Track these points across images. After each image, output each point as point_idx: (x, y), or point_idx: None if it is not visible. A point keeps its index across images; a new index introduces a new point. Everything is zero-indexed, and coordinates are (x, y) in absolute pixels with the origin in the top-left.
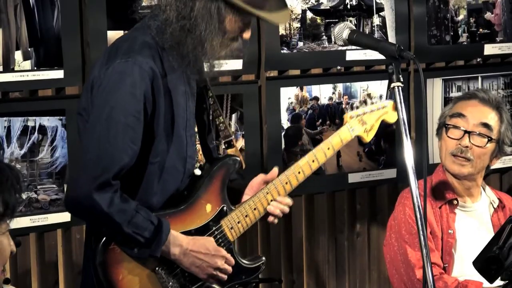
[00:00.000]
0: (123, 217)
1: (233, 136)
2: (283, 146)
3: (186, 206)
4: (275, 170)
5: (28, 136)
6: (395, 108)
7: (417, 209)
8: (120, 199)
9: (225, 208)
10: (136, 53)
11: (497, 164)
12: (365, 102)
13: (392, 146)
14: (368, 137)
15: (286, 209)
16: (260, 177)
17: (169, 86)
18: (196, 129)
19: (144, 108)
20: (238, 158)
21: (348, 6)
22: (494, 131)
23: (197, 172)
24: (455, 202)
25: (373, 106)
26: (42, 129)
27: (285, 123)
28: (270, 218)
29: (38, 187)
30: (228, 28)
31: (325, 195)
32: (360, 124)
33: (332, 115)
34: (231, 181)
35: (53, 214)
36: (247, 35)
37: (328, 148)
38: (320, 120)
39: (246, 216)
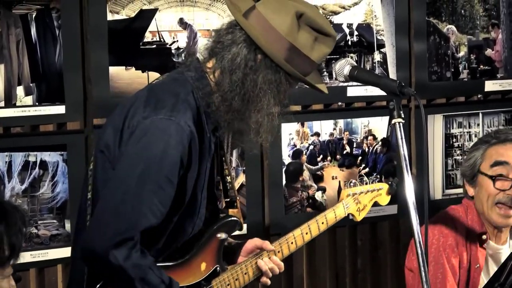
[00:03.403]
0: (137, 272)
1: (237, 198)
2: (284, 181)
3: (182, 262)
4: (268, 243)
5: (29, 171)
6: (388, 193)
7: (418, 246)
8: (138, 253)
9: (218, 268)
10: (180, 112)
11: None
12: (361, 181)
13: None
14: (359, 217)
15: (276, 270)
16: (254, 241)
17: (202, 148)
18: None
19: (179, 171)
20: (239, 220)
21: (349, 43)
22: None
23: (223, 236)
24: (483, 237)
25: (368, 187)
26: (43, 164)
27: (286, 158)
28: (263, 279)
29: (39, 222)
30: (283, 99)
31: (326, 231)
32: (355, 203)
33: (333, 151)
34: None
35: (53, 249)
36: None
37: (322, 223)
38: (321, 156)
39: (236, 279)
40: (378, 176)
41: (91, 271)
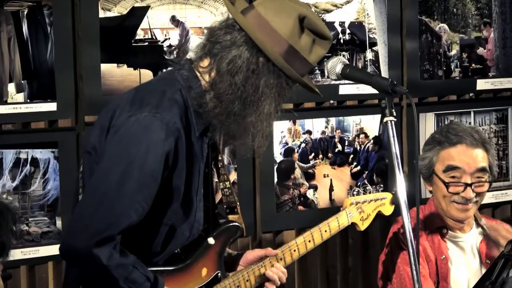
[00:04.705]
0: (121, 272)
1: (238, 203)
2: (275, 179)
3: (183, 267)
4: (271, 249)
5: (20, 168)
6: (392, 202)
7: (409, 242)
8: (119, 253)
9: (219, 274)
10: (165, 110)
11: (490, 199)
12: (364, 190)
13: (385, 180)
14: (363, 226)
15: (284, 278)
16: (257, 252)
17: (191, 148)
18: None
19: (164, 168)
20: (241, 226)
21: (341, 41)
22: (488, 169)
23: (211, 241)
24: (444, 231)
25: (372, 196)
26: (35, 162)
27: (278, 156)
28: (269, 286)
29: (30, 219)
30: (282, 103)
31: None
32: (358, 212)
33: (325, 149)
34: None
35: (44, 246)
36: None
37: (325, 231)
38: (313, 154)
39: (238, 286)
40: (370, 174)
41: (85, 277)
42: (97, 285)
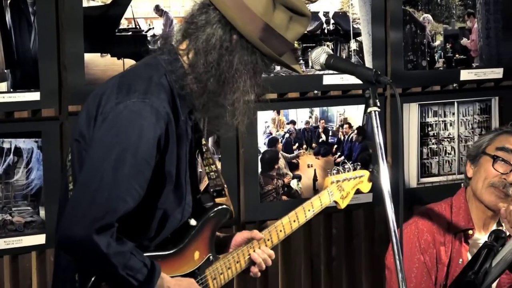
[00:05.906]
0: (119, 259)
1: (225, 186)
2: (259, 169)
3: (176, 251)
4: (258, 232)
5: (3, 158)
6: (370, 180)
7: (392, 234)
8: (116, 240)
9: (211, 257)
10: (154, 95)
11: None
12: (343, 168)
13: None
14: (343, 204)
15: (269, 261)
16: (245, 234)
17: (179, 131)
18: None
19: (156, 152)
20: (230, 208)
21: (326, 31)
22: None
23: (193, 222)
24: (470, 232)
25: (351, 174)
26: (18, 151)
27: (262, 146)
28: (254, 270)
29: (13, 209)
30: (259, 80)
31: None
32: (338, 191)
33: (309, 139)
34: None
35: (27, 236)
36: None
37: (309, 210)
38: (297, 144)
39: (228, 268)
40: (353, 164)
41: (82, 268)
42: (94, 274)
